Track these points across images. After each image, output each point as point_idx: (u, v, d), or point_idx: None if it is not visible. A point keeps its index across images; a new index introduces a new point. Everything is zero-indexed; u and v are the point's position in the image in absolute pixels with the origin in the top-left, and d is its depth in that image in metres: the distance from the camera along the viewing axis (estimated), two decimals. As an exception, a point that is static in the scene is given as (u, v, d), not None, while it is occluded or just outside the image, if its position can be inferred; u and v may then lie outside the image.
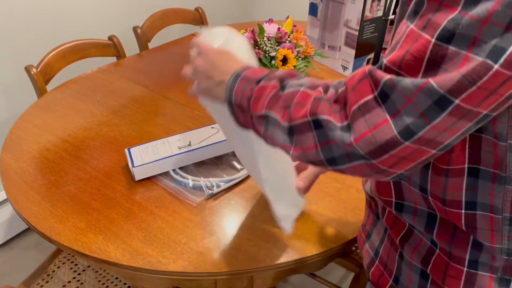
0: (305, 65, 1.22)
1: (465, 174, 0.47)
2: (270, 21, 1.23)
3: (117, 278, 1.07)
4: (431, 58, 0.37)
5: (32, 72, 1.33)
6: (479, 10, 0.34)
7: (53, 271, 1.10)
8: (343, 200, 0.90)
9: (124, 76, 1.42)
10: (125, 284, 1.06)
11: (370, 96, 0.41)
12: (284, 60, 1.18)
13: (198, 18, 1.96)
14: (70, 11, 1.71)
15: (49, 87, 1.41)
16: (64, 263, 1.12)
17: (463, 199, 0.48)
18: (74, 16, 1.73)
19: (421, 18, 0.38)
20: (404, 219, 0.56)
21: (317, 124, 0.45)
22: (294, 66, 1.18)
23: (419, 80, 0.37)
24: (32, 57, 1.62)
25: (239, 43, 0.66)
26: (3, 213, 1.69)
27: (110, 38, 1.60)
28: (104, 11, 1.84)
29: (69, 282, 1.07)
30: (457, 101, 0.37)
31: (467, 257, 0.51)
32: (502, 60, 0.34)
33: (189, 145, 0.98)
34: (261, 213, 0.87)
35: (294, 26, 1.23)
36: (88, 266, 1.11)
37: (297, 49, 1.20)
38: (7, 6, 1.50)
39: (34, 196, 0.91)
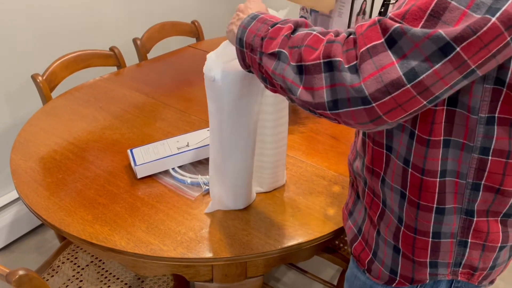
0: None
1: (441, 146, 0.54)
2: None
3: (115, 276, 1.13)
4: (434, 9, 0.42)
5: (38, 80, 1.41)
6: None
7: (58, 266, 1.16)
8: (330, 195, 0.98)
9: (125, 84, 1.50)
10: (126, 277, 1.12)
11: (379, 41, 0.45)
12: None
13: (194, 31, 2.05)
14: (74, 24, 1.80)
15: (54, 94, 1.49)
16: (68, 258, 1.18)
17: (439, 169, 0.55)
18: (77, 28, 1.82)
19: None
20: (381, 196, 0.64)
21: (329, 67, 0.48)
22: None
23: (427, 30, 0.42)
24: (38, 67, 1.70)
25: None
26: (4, 218, 1.75)
27: (111, 49, 1.68)
28: (106, 24, 1.93)
29: (73, 276, 1.13)
30: (458, 49, 0.42)
31: (431, 230, 0.59)
32: (498, 14, 0.40)
33: (187, 145, 1.05)
34: (253, 206, 0.94)
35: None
36: (91, 262, 1.17)
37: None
38: (14, 21, 1.58)
39: (44, 192, 0.98)
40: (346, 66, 0.47)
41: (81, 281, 1.12)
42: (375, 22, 0.47)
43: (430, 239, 0.60)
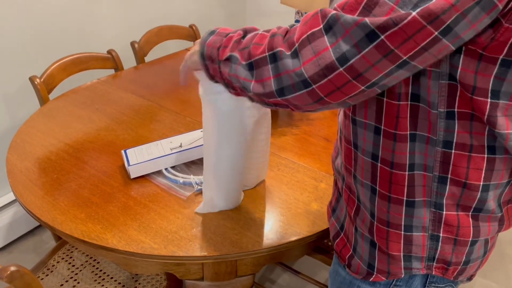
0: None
1: (408, 139, 0.56)
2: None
3: (109, 275, 1.15)
4: (367, 3, 0.46)
5: (35, 82, 1.43)
6: None
7: (53, 266, 1.17)
8: (320, 195, 1.00)
9: (122, 87, 1.52)
10: (120, 276, 1.13)
11: (318, 28, 0.49)
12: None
13: (192, 35, 2.08)
14: (72, 27, 1.82)
15: (51, 96, 1.51)
16: (63, 258, 1.20)
17: (407, 162, 0.57)
18: (76, 31, 1.84)
19: None
20: (356, 192, 0.65)
21: (273, 58, 0.54)
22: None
23: (356, 17, 0.46)
24: (36, 69, 1.72)
25: None
26: (3, 218, 1.76)
27: (109, 52, 1.70)
28: (104, 27, 1.95)
29: (68, 275, 1.14)
30: (382, 37, 0.45)
31: (403, 223, 0.60)
32: (418, 10, 0.43)
33: (180, 146, 1.07)
34: (244, 206, 0.96)
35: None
36: (86, 261, 1.18)
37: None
38: (13, 23, 1.61)
39: (38, 191, 0.99)
40: (288, 53, 0.52)
41: (75, 280, 1.13)
42: (317, 11, 0.51)
43: (403, 232, 0.61)
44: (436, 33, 0.44)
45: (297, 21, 1.62)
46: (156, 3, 2.16)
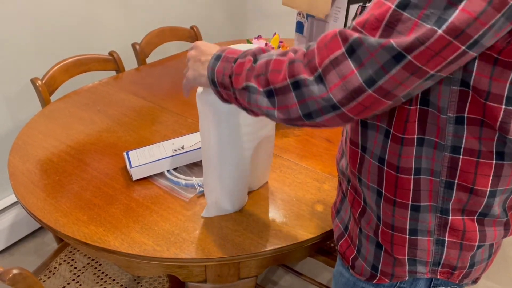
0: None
1: (415, 143, 0.55)
2: (259, 37, 1.34)
3: (111, 277, 1.14)
4: (389, 20, 0.45)
5: (37, 84, 1.43)
6: None
7: (55, 268, 1.17)
8: (322, 197, 0.99)
9: (123, 88, 1.52)
10: (122, 278, 1.13)
11: (340, 51, 0.48)
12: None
13: (193, 36, 2.08)
14: (74, 28, 1.82)
15: (53, 98, 1.50)
16: (65, 260, 1.19)
17: (413, 166, 0.57)
18: (77, 33, 1.84)
19: None
20: (362, 194, 0.65)
21: (296, 85, 0.53)
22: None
23: (381, 39, 0.46)
24: (37, 71, 1.72)
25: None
26: (4, 220, 1.76)
27: (110, 53, 1.70)
28: (105, 29, 1.95)
29: (70, 277, 1.14)
30: (409, 57, 0.45)
31: (407, 227, 0.60)
32: (444, 27, 0.43)
33: (182, 148, 1.07)
34: (246, 208, 0.95)
35: (281, 42, 1.34)
36: (88, 263, 1.18)
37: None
38: (14, 25, 1.61)
39: (40, 193, 0.99)
40: (311, 78, 0.51)
41: (77, 282, 1.13)
42: (336, 33, 0.50)
43: (407, 236, 0.61)
44: (463, 47, 0.44)
45: (298, 22, 1.62)
46: (157, 5, 2.16)
